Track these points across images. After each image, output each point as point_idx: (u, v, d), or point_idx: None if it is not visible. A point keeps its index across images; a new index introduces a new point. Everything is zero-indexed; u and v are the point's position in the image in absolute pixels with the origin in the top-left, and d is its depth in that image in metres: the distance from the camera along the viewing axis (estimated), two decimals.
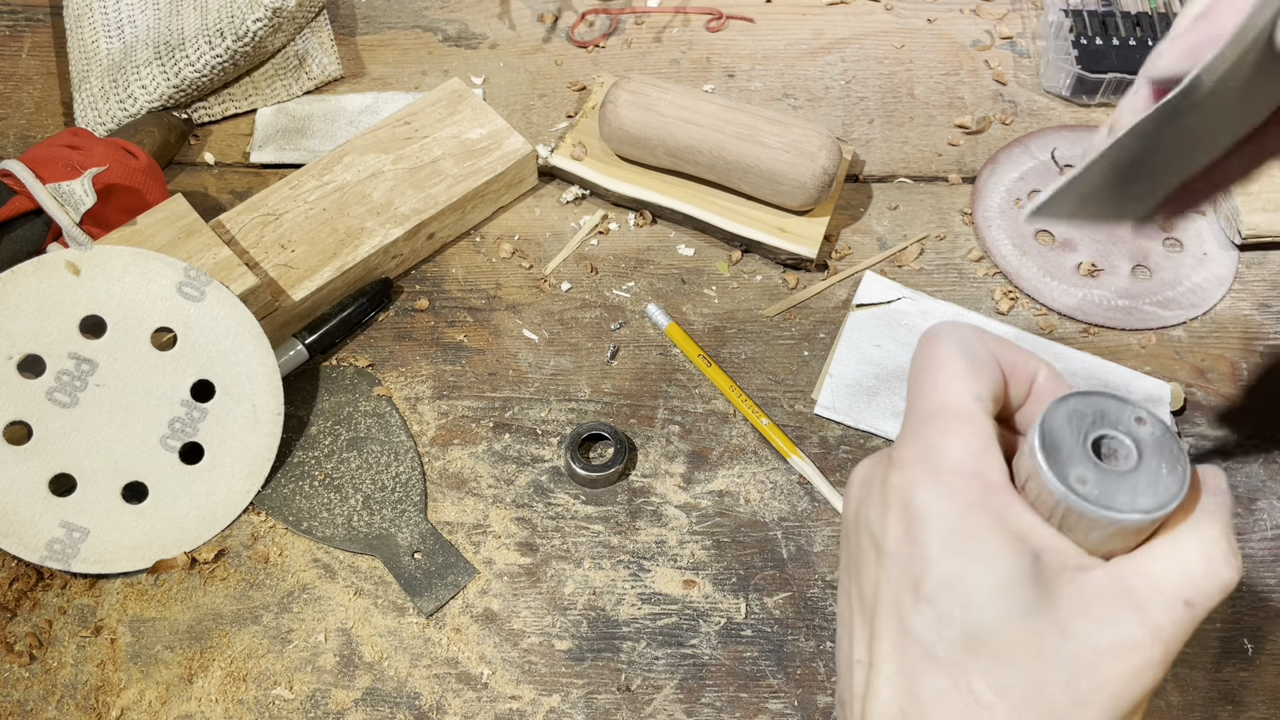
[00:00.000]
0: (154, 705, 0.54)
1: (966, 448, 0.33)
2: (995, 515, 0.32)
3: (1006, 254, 0.68)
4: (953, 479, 0.33)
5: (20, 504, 0.57)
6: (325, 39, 0.76)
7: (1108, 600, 0.31)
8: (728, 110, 0.65)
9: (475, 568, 0.57)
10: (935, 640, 0.32)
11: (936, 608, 0.32)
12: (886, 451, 0.36)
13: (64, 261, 0.58)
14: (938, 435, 0.34)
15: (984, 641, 0.31)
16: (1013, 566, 0.32)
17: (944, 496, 0.33)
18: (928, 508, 0.33)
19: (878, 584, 0.34)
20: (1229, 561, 0.32)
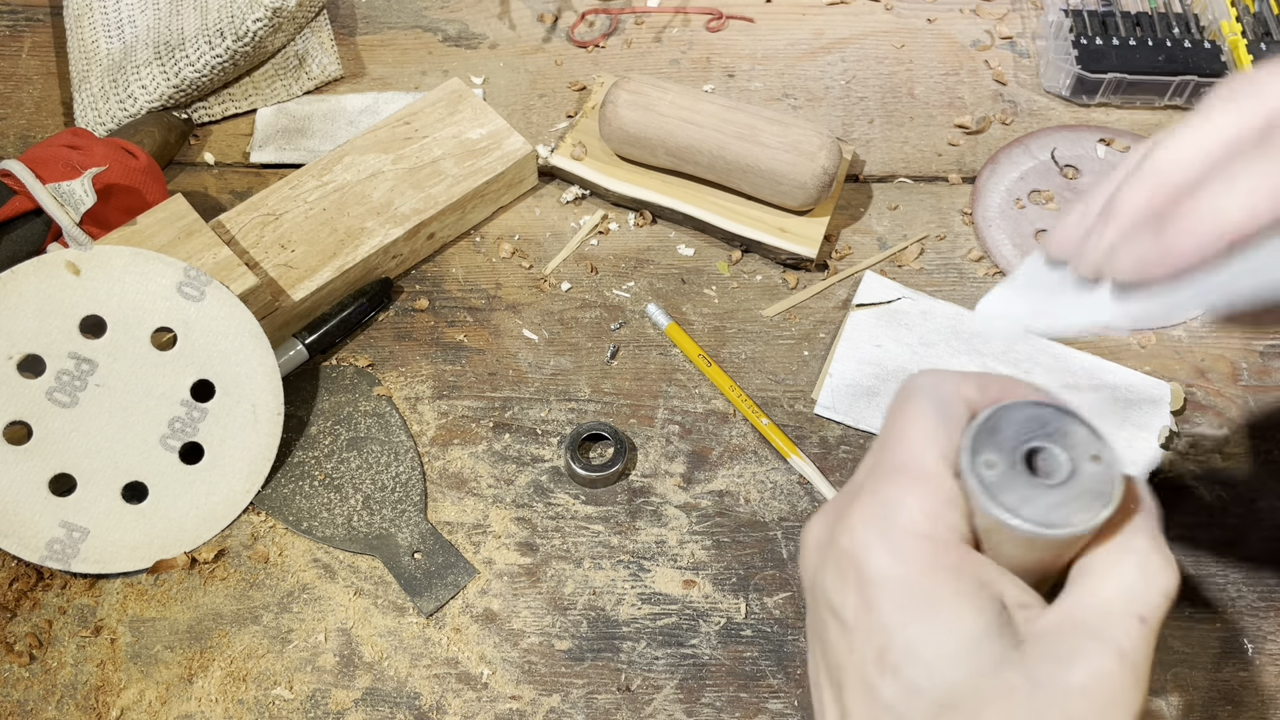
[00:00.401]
0: (154, 705, 0.54)
1: (922, 509, 0.33)
2: (952, 574, 0.32)
3: (1006, 254, 0.68)
4: (905, 541, 0.33)
5: (20, 504, 0.57)
6: (325, 39, 0.76)
7: (1065, 637, 0.31)
8: (728, 110, 0.65)
9: (475, 568, 0.57)
10: (906, 710, 0.31)
11: (902, 678, 0.31)
12: (836, 506, 0.36)
13: (64, 261, 0.58)
14: (894, 493, 0.33)
15: (955, 706, 0.31)
16: (977, 623, 0.31)
17: (898, 562, 0.32)
18: (882, 574, 0.32)
19: (841, 655, 0.33)
20: (1164, 570, 0.32)
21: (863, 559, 0.33)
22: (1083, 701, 0.30)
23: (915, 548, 0.32)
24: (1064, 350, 0.63)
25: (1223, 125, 0.33)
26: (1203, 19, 0.75)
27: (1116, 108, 0.74)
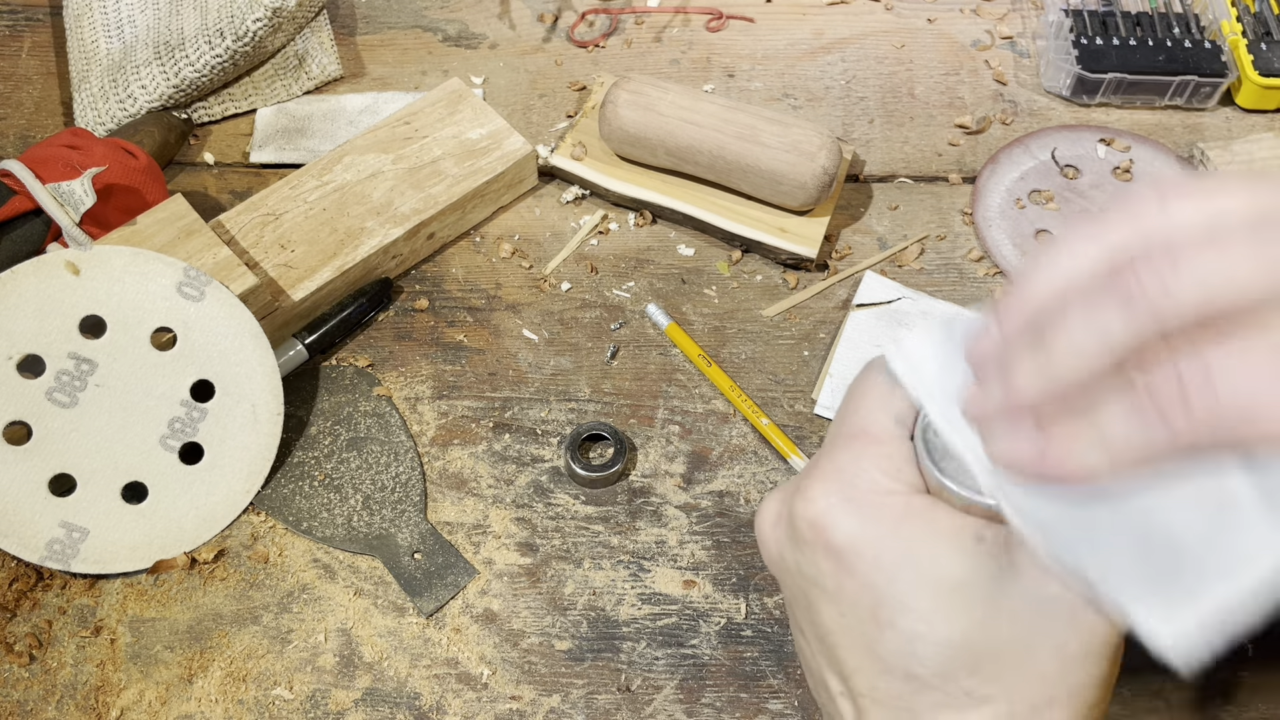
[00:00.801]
0: (154, 705, 0.54)
1: (881, 468, 0.33)
2: (923, 521, 0.32)
3: (1007, 254, 0.68)
4: (869, 500, 0.33)
5: (20, 504, 0.57)
6: (325, 39, 0.76)
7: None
8: (727, 110, 0.65)
9: (475, 568, 0.57)
10: (911, 661, 0.32)
11: (901, 630, 0.32)
12: (791, 485, 0.36)
13: (63, 261, 0.58)
14: (851, 458, 0.34)
15: (960, 644, 0.31)
16: (960, 561, 0.31)
17: (866, 521, 0.32)
18: (852, 537, 0.32)
19: (831, 622, 0.33)
20: None
21: (829, 526, 0.33)
22: (1087, 611, 0.30)
23: (880, 505, 0.33)
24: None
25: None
26: (1203, 19, 0.75)
27: (1117, 108, 0.74)
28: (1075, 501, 0.29)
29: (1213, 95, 0.73)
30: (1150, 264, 0.24)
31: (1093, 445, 0.27)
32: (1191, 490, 0.28)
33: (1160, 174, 0.69)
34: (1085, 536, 0.29)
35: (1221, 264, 0.23)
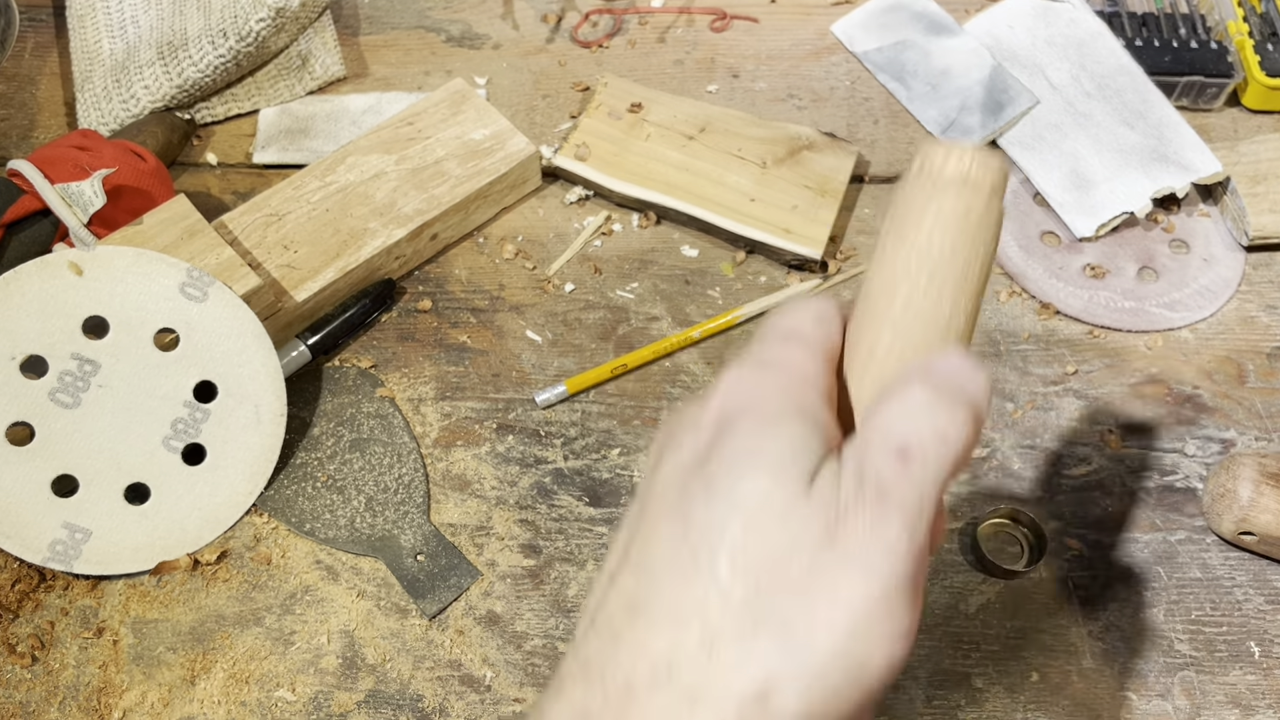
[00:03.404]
0: (156, 707, 0.54)
1: (800, 354, 0.34)
2: (798, 403, 0.32)
3: (1012, 255, 0.67)
4: (777, 370, 0.34)
5: (23, 505, 0.56)
6: (328, 39, 0.76)
7: (845, 468, 0.31)
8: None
9: (478, 570, 0.57)
10: (695, 496, 0.31)
11: (717, 469, 0.31)
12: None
13: (66, 262, 0.58)
14: (773, 347, 0.34)
15: (738, 505, 0.30)
16: (802, 438, 0.31)
17: (763, 380, 0.33)
18: (747, 387, 0.33)
19: (677, 453, 0.33)
20: (932, 410, 0.31)
21: (731, 379, 0.34)
22: (840, 520, 0.30)
23: (782, 376, 0.33)
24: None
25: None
26: (1209, 19, 0.74)
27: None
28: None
29: (1219, 96, 0.72)
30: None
31: None
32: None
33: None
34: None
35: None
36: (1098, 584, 0.56)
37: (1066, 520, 0.58)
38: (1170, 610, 0.56)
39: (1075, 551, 0.57)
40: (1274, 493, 0.54)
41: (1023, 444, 0.61)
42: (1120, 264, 0.67)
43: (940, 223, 0.34)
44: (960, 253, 0.34)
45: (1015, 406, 0.62)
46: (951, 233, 0.34)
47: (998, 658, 0.54)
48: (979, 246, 0.34)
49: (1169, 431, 0.61)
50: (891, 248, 0.35)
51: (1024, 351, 0.64)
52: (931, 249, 0.34)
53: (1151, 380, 0.63)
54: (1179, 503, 0.59)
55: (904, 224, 0.35)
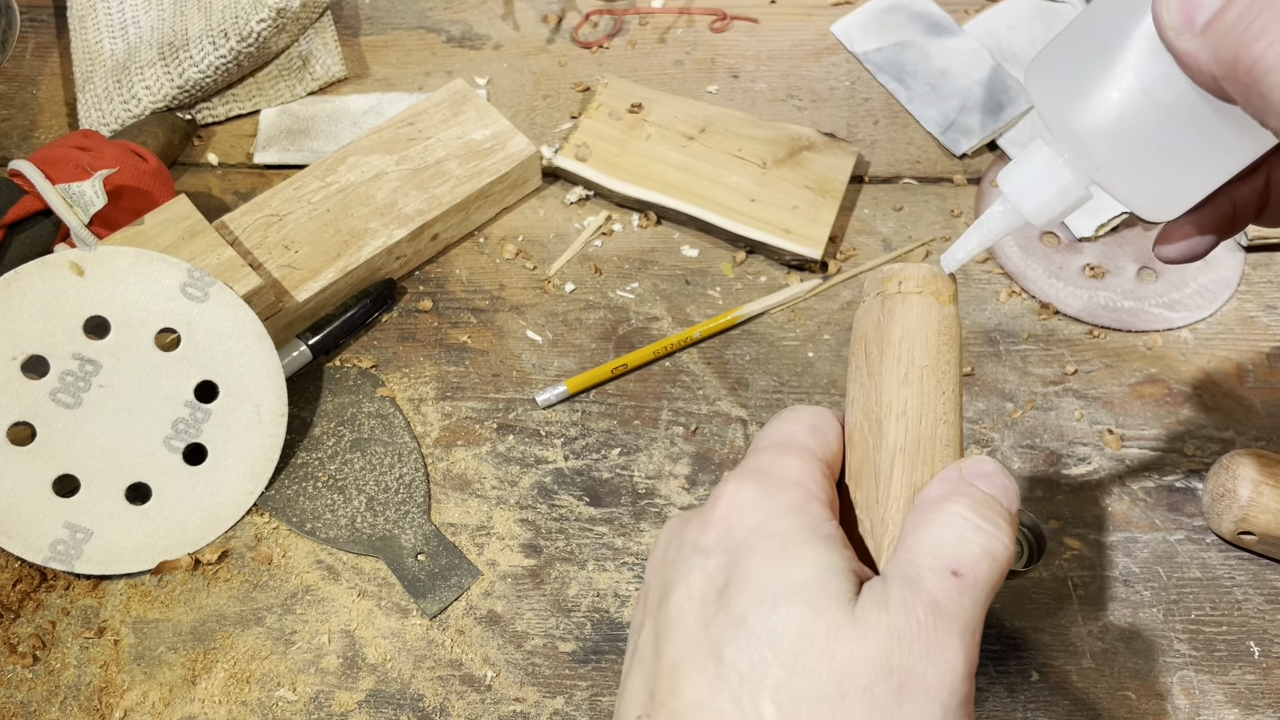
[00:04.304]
0: (157, 706, 0.54)
1: (799, 465, 0.33)
2: (811, 520, 0.32)
3: (1012, 255, 0.67)
4: (779, 483, 0.33)
5: (24, 505, 0.57)
6: (329, 40, 0.76)
7: (884, 585, 0.30)
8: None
9: (479, 569, 0.57)
10: (725, 634, 0.30)
11: (744, 603, 0.30)
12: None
13: (68, 262, 0.58)
14: (770, 457, 0.34)
15: (778, 644, 0.29)
16: (826, 561, 0.31)
17: (767, 494, 0.32)
18: (745, 500, 0.32)
19: (688, 583, 0.32)
20: (980, 529, 0.31)
21: (732, 494, 0.33)
22: (896, 645, 0.29)
23: (789, 490, 0.32)
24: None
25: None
26: None
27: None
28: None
29: None
30: None
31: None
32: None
33: None
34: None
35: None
36: (1097, 584, 0.56)
37: (1066, 520, 0.58)
38: (1170, 610, 0.56)
39: (1075, 551, 0.57)
40: (1273, 493, 0.54)
41: (1022, 444, 0.61)
42: (1120, 264, 0.67)
43: (924, 329, 0.36)
44: (943, 355, 0.35)
45: (1015, 406, 0.62)
46: (933, 337, 0.36)
47: (998, 657, 0.55)
48: (956, 348, 0.36)
49: (1168, 431, 0.61)
50: (876, 359, 0.36)
51: (1024, 351, 0.64)
52: (917, 355, 0.35)
53: (1151, 380, 0.63)
54: (1178, 502, 0.59)
55: (885, 337, 0.36)
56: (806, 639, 0.29)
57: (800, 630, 0.29)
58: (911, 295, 0.36)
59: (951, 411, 0.35)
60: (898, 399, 0.35)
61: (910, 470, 0.34)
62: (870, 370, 0.36)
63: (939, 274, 0.36)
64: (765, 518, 0.32)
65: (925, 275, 0.36)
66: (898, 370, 0.35)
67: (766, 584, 0.30)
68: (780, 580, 0.30)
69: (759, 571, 0.31)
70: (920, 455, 0.34)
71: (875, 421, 0.35)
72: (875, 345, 0.36)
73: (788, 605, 0.30)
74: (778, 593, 0.30)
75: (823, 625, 0.29)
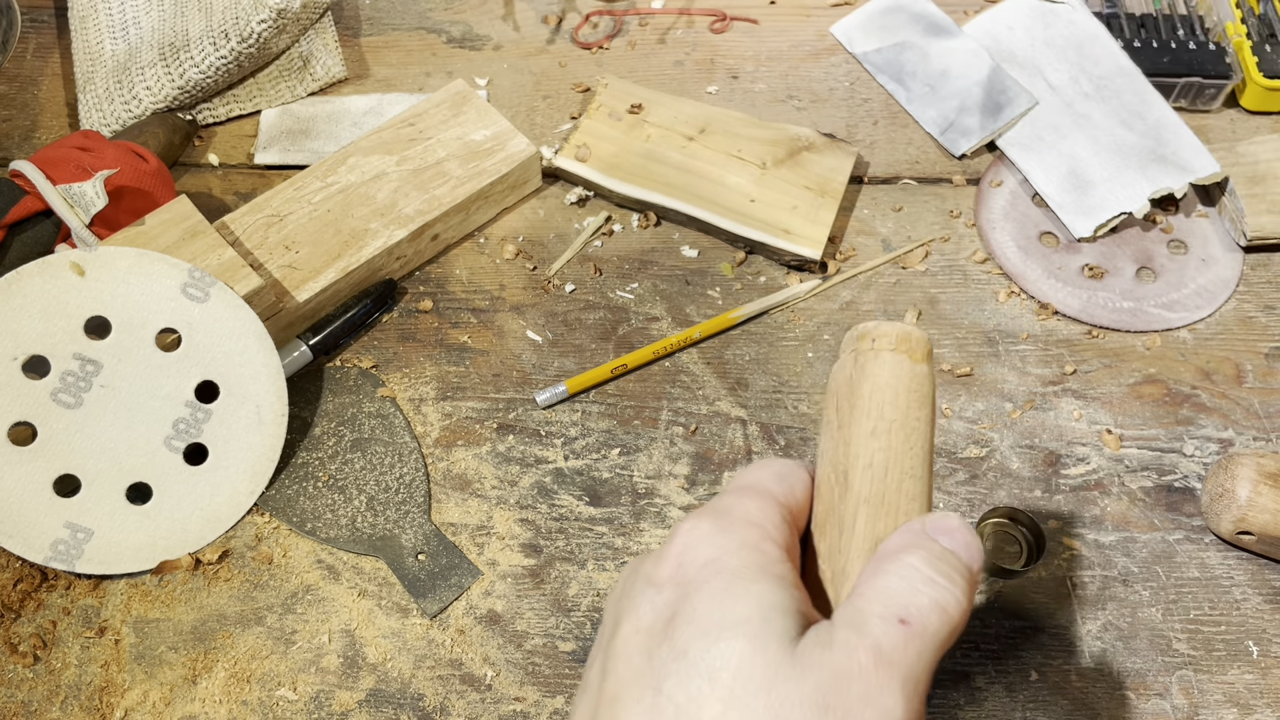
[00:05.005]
0: (158, 706, 0.54)
1: (758, 507, 0.33)
2: (764, 559, 0.32)
3: (1011, 255, 0.68)
4: (735, 522, 0.33)
5: (25, 505, 0.57)
6: (329, 40, 0.76)
7: (831, 628, 0.30)
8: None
9: (479, 569, 0.57)
10: (665, 666, 0.30)
11: (687, 636, 0.30)
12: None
13: (69, 262, 0.58)
14: (732, 500, 0.34)
15: (716, 678, 0.29)
16: (773, 599, 0.30)
17: (720, 531, 0.32)
18: (702, 538, 0.32)
19: (637, 615, 0.32)
20: (933, 581, 0.31)
21: (688, 530, 0.33)
22: (834, 686, 0.29)
23: (742, 530, 0.32)
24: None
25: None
26: (1207, 20, 0.75)
27: None
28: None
29: (1217, 97, 0.73)
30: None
31: None
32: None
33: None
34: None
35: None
36: (1096, 584, 0.57)
37: (1065, 520, 0.58)
38: (1168, 610, 0.56)
39: (1074, 551, 0.58)
40: (1272, 492, 0.54)
41: (1021, 444, 0.61)
42: (1119, 264, 0.67)
43: (894, 385, 0.36)
44: (913, 411, 0.36)
45: (1014, 407, 0.62)
46: (904, 393, 0.36)
47: (997, 657, 0.55)
48: (928, 405, 0.36)
49: (1167, 431, 0.61)
50: (846, 413, 0.36)
51: (1022, 352, 0.64)
52: (886, 410, 0.36)
53: (1150, 380, 0.63)
54: (1177, 502, 0.59)
55: (855, 391, 0.36)
56: (744, 674, 0.29)
57: (739, 665, 0.29)
58: (884, 352, 0.36)
59: (919, 467, 0.35)
60: (865, 451, 0.35)
61: (873, 521, 0.35)
62: (840, 423, 0.36)
63: (913, 333, 0.37)
64: (718, 554, 0.32)
65: (899, 334, 0.37)
66: (866, 424, 0.36)
67: (711, 618, 0.30)
68: (724, 615, 0.30)
69: (705, 606, 0.31)
70: (884, 507, 0.35)
71: (842, 473, 0.36)
72: (846, 399, 0.36)
73: (729, 640, 0.30)
74: (720, 627, 0.30)
75: (761, 661, 0.29)
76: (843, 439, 0.36)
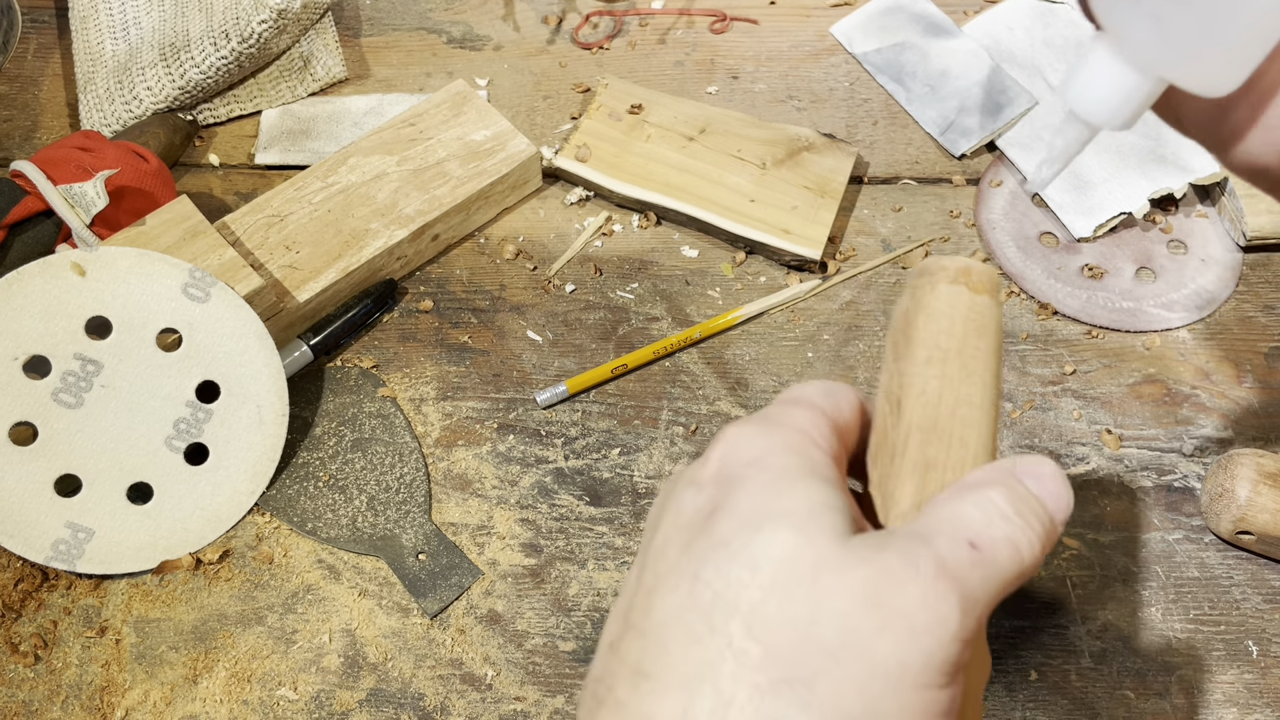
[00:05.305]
0: (159, 706, 0.54)
1: (806, 416, 0.32)
2: (810, 461, 0.31)
3: (1010, 255, 0.68)
4: (781, 427, 0.31)
5: (26, 505, 0.57)
6: (330, 41, 0.77)
7: (888, 536, 0.29)
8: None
9: (479, 569, 0.57)
10: (704, 555, 0.29)
11: (729, 527, 0.29)
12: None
13: (69, 262, 0.58)
14: (778, 409, 0.33)
15: (758, 566, 0.28)
16: (822, 496, 0.29)
17: (765, 434, 0.31)
18: (747, 439, 0.31)
19: (677, 514, 0.31)
20: (1010, 520, 0.30)
21: (732, 433, 0.32)
22: (887, 583, 0.27)
23: (790, 435, 0.31)
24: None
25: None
26: None
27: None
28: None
29: None
30: None
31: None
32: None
33: None
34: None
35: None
36: (1096, 583, 0.57)
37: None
38: (1168, 609, 0.56)
39: (1074, 551, 0.58)
40: (1271, 492, 0.54)
41: (1021, 444, 0.61)
42: (1118, 264, 0.67)
43: (951, 315, 0.35)
44: (971, 340, 0.35)
45: (1014, 407, 0.62)
46: (960, 322, 0.35)
47: (997, 657, 0.55)
48: (989, 336, 0.35)
49: (1167, 431, 0.61)
50: (902, 346, 0.35)
51: (1022, 351, 0.64)
52: (941, 339, 0.35)
53: (1149, 380, 0.63)
54: (1177, 502, 0.59)
55: (911, 324, 0.35)
56: (788, 564, 0.28)
57: (783, 555, 0.28)
58: (942, 285, 0.35)
59: (978, 395, 0.34)
60: (919, 379, 0.34)
61: (924, 446, 0.33)
62: (896, 356, 0.35)
63: (975, 266, 0.36)
64: (762, 454, 0.31)
65: (959, 266, 0.36)
66: (921, 353, 0.34)
67: (755, 509, 0.29)
68: (770, 506, 0.29)
69: (748, 500, 0.29)
70: (937, 433, 0.33)
71: (895, 401, 0.34)
72: (902, 333, 0.35)
73: (773, 530, 0.28)
74: (765, 517, 0.29)
75: (809, 552, 0.28)
76: (898, 370, 0.35)
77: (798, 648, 0.27)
